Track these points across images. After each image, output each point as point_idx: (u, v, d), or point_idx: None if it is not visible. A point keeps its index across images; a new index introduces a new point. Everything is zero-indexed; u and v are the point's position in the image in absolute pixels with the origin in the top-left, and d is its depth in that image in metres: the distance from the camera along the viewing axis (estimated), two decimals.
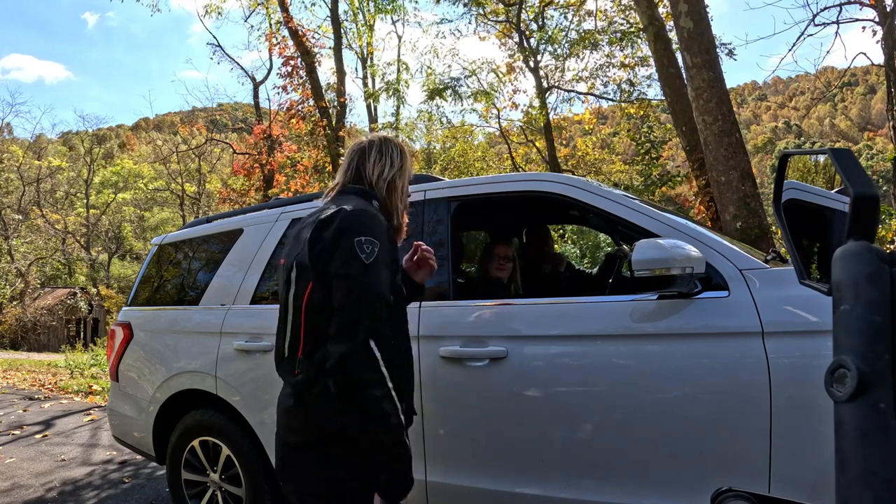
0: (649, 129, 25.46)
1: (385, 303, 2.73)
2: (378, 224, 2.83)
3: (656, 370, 3.51)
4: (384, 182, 3.13)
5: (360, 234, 2.73)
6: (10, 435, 10.44)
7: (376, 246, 2.73)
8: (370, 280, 2.69)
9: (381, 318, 2.68)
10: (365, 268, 2.67)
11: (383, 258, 2.76)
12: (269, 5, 28.18)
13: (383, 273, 2.75)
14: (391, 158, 3.17)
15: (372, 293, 2.68)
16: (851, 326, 1.26)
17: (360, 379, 2.58)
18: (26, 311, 52.68)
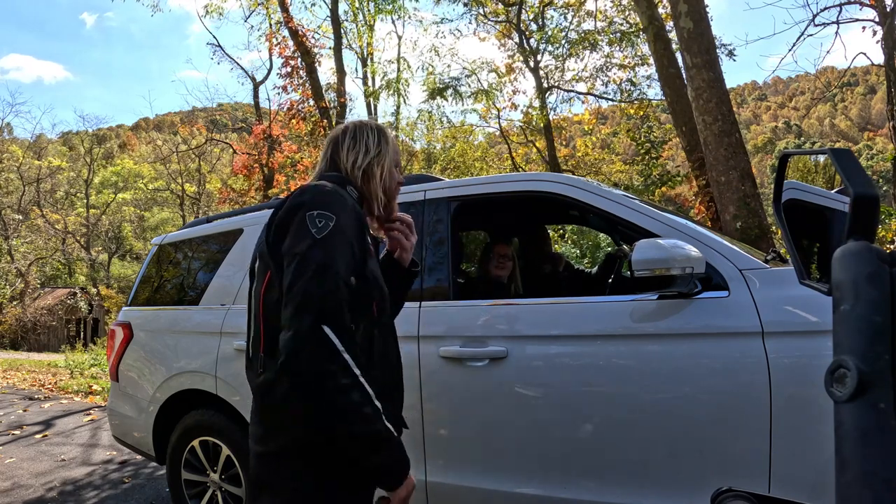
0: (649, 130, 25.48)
1: (342, 284, 2.32)
2: (338, 200, 2.50)
3: (656, 370, 3.51)
4: (359, 170, 2.84)
5: (314, 209, 2.43)
6: (11, 435, 10.44)
7: (331, 220, 2.40)
8: (321, 256, 2.32)
9: (335, 299, 2.28)
10: (315, 242, 2.34)
11: (341, 237, 2.40)
12: (269, 5, 28.20)
13: (340, 250, 2.37)
14: (366, 144, 2.90)
15: (322, 270, 2.30)
16: (851, 326, 1.26)
17: (317, 370, 2.21)
18: (26, 311, 52.69)
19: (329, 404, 2.24)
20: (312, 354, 2.21)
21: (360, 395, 2.26)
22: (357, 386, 2.26)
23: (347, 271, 2.38)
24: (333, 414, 2.25)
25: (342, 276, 2.34)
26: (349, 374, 2.24)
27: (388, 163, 2.91)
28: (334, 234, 2.39)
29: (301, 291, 2.27)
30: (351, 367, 2.25)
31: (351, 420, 2.25)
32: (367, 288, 2.54)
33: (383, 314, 2.72)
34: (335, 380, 2.21)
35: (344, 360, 2.24)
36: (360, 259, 2.49)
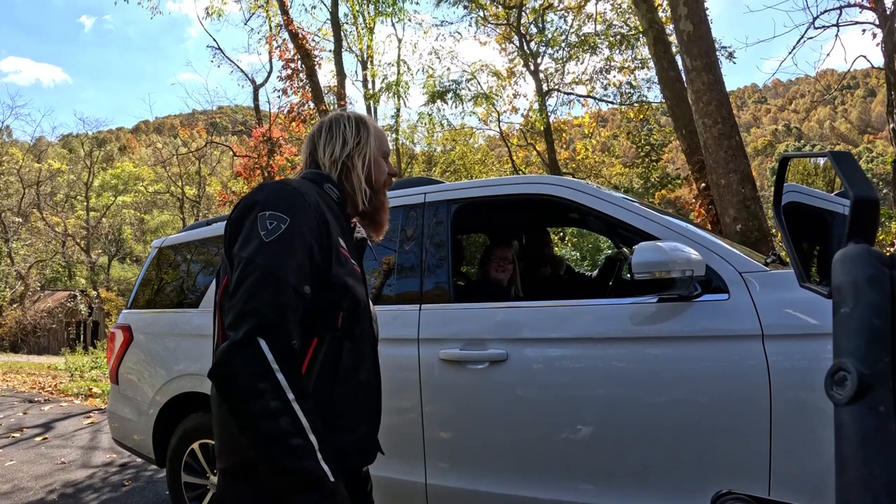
0: (649, 132, 25.53)
1: (289, 293, 2.11)
2: (296, 200, 2.28)
3: (656, 373, 3.51)
4: (337, 164, 2.64)
5: (265, 210, 2.22)
6: (10, 437, 10.44)
7: (283, 222, 2.18)
8: (267, 261, 2.11)
9: (277, 311, 2.06)
10: (262, 246, 2.13)
11: (295, 239, 2.18)
12: (269, 8, 28.19)
13: (290, 255, 2.16)
14: (343, 136, 2.69)
15: (266, 277, 2.09)
16: (851, 329, 1.26)
17: (245, 387, 1.97)
18: (26, 313, 52.69)
19: (253, 425, 1.98)
20: (241, 369, 1.99)
21: (291, 422, 1.98)
22: (287, 412, 1.99)
23: (299, 279, 2.15)
24: (258, 437, 1.98)
25: (290, 285, 2.12)
26: (280, 396, 1.99)
27: (370, 153, 2.70)
28: (285, 238, 2.17)
29: (241, 299, 2.07)
30: (283, 388, 1.99)
31: (275, 450, 1.97)
32: (330, 297, 2.31)
33: (355, 325, 2.43)
34: (262, 400, 1.96)
35: (276, 379, 1.99)
36: (321, 264, 2.27)
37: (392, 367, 4.23)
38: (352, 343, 2.40)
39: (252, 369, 1.97)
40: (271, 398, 1.96)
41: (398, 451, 4.19)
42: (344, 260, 2.39)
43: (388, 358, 4.27)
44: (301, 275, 2.16)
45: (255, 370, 1.97)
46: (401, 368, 4.21)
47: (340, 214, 2.56)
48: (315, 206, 2.32)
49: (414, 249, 4.49)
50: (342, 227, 2.51)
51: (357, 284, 2.45)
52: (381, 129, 2.84)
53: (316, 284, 2.23)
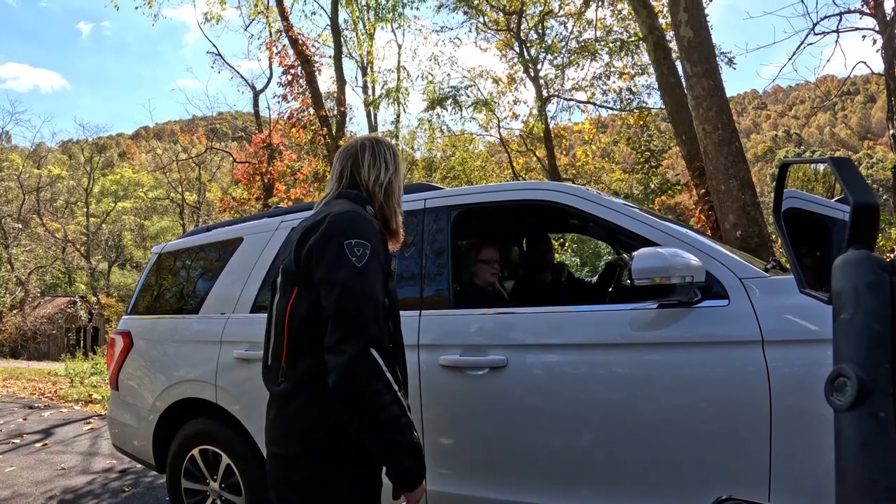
0: (649, 139, 25.52)
1: (381, 309, 2.59)
2: (369, 227, 2.69)
3: (656, 379, 3.51)
4: (381, 186, 3.00)
5: (350, 238, 2.59)
6: (10, 443, 10.44)
7: (368, 248, 2.59)
8: (364, 285, 2.54)
9: (378, 324, 2.55)
10: (357, 272, 2.53)
11: (376, 262, 2.62)
12: (269, 14, 28.20)
13: (377, 277, 2.61)
14: (385, 161, 3.04)
15: (367, 298, 2.54)
16: (851, 335, 1.26)
17: (369, 389, 2.47)
18: (26, 319, 52.69)
19: (374, 416, 2.48)
20: (363, 375, 2.46)
21: (399, 408, 2.54)
22: (397, 401, 2.54)
23: (383, 295, 2.63)
24: (377, 425, 2.50)
25: (381, 302, 2.59)
26: (391, 390, 2.52)
27: (401, 179, 3.09)
28: (371, 262, 2.58)
29: (348, 319, 2.50)
30: (392, 384, 2.52)
31: (393, 430, 2.52)
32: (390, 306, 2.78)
33: (397, 327, 2.95)
34: (381, 397, 2.48)
35: (387, 378, 2.51)
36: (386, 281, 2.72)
37: None
38: (394, 343, 2.86)
39: (371, 375, 2.48)
40: (386, 393, 2.50)
41: None
42: (393, 274, 2.86)
43: None
44: (383, 292, 2.64)
45: (373, 375, 2.49)
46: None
47: None
48: (379, 229, 2.76)
49: (414, 255, 4.50)
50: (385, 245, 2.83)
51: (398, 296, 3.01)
52: None
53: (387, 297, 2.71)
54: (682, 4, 10.10)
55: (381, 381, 2.50)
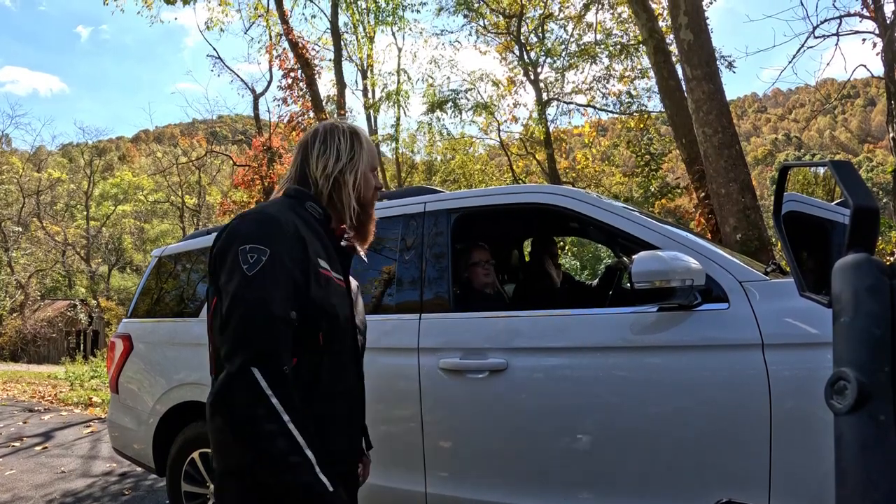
0: (649, 142, 25.51)
1: (277, 323, 2.22)
2: (275, 229, 2.35)
3: (656, 382, 3.52)
4: (329, 178, 2.64)
5: (246, 242, 2.29)
6: (10, 447, 10.44)
7: (264, 254, 2.26)
8: (253, 295, 2.22)
9: (267, 341, 2.20)
10: (247, 281, 2.22)
11: (277, 269, 2.27)
12: (269, 18, 28.21)
13: (274, 286, 2.25)
14: (337, 150, 2.67)
15: (256, 310, 2.21)
16: (851, 338, 1.26)
17: (244, 414, 2.12)
18: (26, 322, 52.65)
19: (250, 446, 2.14)
20: (238, 397, 2.13)
21: (287, 442, 2.13)
22: (284, 433, 2.13)
23: (285, 307, 2.26)
24: (255, 457, 2.16)
25: (277, 315, 2.23)
26: (275, 419, 2.13)
27: (362, 168, 2.71)
28: (267, 270, 2.26)
29: (232, 332, 2.19)
30: (279, 412, 2.13)
31: (276, 469, 2.14)
32: (309, 319, 2.38)
33: (334, 343, 2.51)
34: (260, 426, 2.11)
35: (270, 404, 2.13)
36: (302, 289, 2.36)
37: (392, 376, 4.25)
38: (331, 358, 2.50)
39: (248, 397, 2.12)
40: (267, 422, 2.11)
41: (398, 461, 4.20)
42: (324, 281, 2.46)
43: (389, 367, 4.29)
44: (285, 303, 2.26)
45: (251, 398, 2.11)
46: (401, 378, 4.22)
47: (323, 231, 2.60)
48: (293, 231, 2.39)
49: (414, 259, 4.49)
50: (324, 244, 2.56)
51: (339, 302, 2.54)
52: (372, 141, 2.83)
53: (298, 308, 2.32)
54: (683, 8, 10.11)
55: (260, 407, 2.12)
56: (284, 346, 2.24)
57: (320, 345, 2.44)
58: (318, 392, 2.43)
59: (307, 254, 2.39)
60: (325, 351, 2.46)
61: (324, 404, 2.45)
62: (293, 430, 2.15)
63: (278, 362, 2.19)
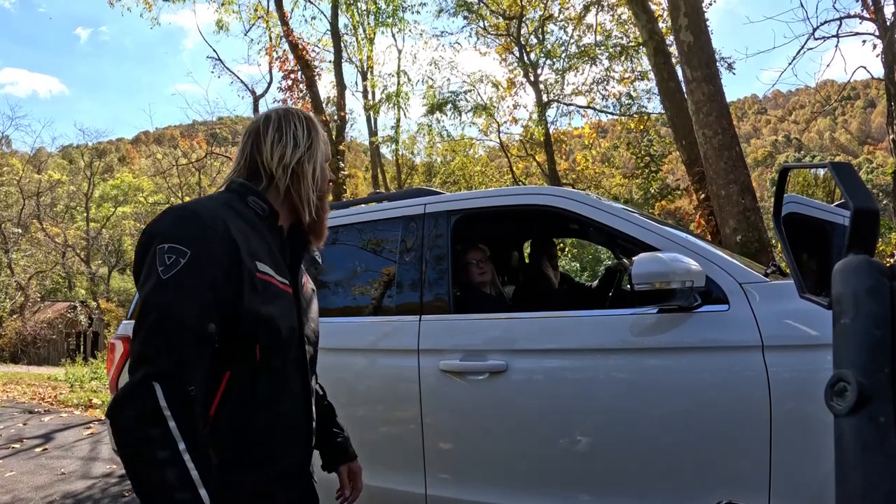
0: (649, 143, 25.51)
1: (187, 336, 1.95)
2: (197, 229, 2.06)
3: (656, 384, 3.52)
4: (286, 168, 2.35)
5: (166, 241, 2.02)
6: (10, 448, 10.43)
7: (184, 256, 1.99)
8: (164, 302, 1.95)
9: (174, 354, 1.92)
10: (161, 285, 1.96)
11: (195, 274, 2.00)
12: (269, 19, 28.17)
13: (190, 294, 1.98)
14: (294, 137, 2.40)
15: (165, 319, 1.94)
16: (851, 340, 1.26)
17: (136, 435, 1.85)
18: (26, 324, 52.63)
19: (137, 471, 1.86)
20: (133, 414, 1.86)
21: (178, 475, 1.83)
22: (176, 463, 1.83)
23: (201, 319, 1.98)
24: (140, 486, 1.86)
25: (189, 327, 1.95)
26: (170, 445, 1.84)
27: (320, 158, 2.47)
28: (184, 274, 1.98)
29: (140, 341, 1.94)
30: (174, 438, 1.84)
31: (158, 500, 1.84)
32: (243, 330, 2.11)
33: (274, 356, 2.22)
34: (151, 450, 1.82)
35: (167, 427, 1.85)
36: (230, 297, 2.07)
37: (392, 377, 4.25)
38: (270, 374, 2.20)
39: (143, 415, 1.85)
40: (160, 447, 1.82)
41: (398, 462, 4.21)
42: (263, 287, 2.18)
43: (389, 369, 4.30)
44: (203, 314, 1.99)
45: (146, 416, 1.85)
46: (401, 379, 4.22)
47: (268, 229, 2.33)
48: (222, 231, 2.09)
49: (414, 260, 4.49)
50: (268, 244, 2.29)
51: (282, 311, 2.25)
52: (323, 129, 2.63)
53: (226, 319, 2.05)
54: (683, 9, 10.12)
55: (157, 428, 1.84)
56: (196, 363, 1.97)
57: (257, 359, 2.15)
58: (255, 409, 2.16)
59: (238, 257, 2.10)
60: (265, 365, 2.18)
61: (262, 421, 2.19)
62: (188, 461, 1.85)
63: (183, 381, 1.91)
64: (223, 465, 2.04)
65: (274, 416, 2.23)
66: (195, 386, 1.93)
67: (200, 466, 1.86)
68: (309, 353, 2.49)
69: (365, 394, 4.42)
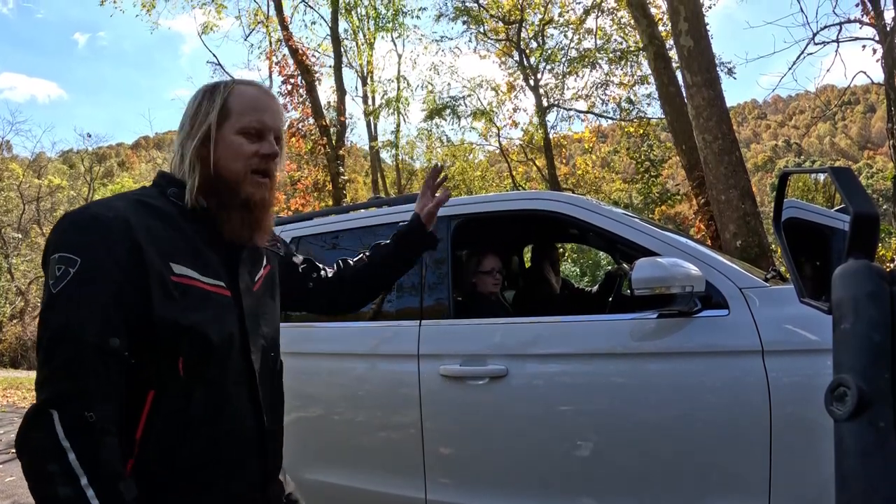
0: (649, 148, 25.53)
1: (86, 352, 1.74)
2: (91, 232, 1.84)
3: (656, 389, 3.52)
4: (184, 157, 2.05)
5: (57, 251, 1.81)
6: (10, 453, 10.41)
7: (73, 265, 1.78)
8: (56, 318, 1.76)
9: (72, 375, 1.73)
10: (51, 300, 1.77)
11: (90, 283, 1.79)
12: (269, 24, 28.19)
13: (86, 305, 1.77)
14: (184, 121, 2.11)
15: (57, 339, 1.75)
16: (851, 345, 1.26)
17: (36, 469, 1.69)
18: (26, 329, 52.56)
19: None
20: (31, 446, 1.72)
21: None
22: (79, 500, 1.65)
23: (101, 332, 1.77)
24: None
25: (86, 343, 1.74)
26: (70, 481, 1.66)
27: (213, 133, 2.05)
28: (74, 285, 1.77)
29: (38, 363, 1.81)
30: (76, 474, 1.66)
31: None
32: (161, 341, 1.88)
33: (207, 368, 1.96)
34: (52, 488, 1.66)
35: (66, 461, 1.66)
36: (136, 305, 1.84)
37: (392, 382, 4.25)
38: (207, 388, 1.95)
39: (43, 449, 1.68)
40: (61, 483, 1.65)
41: (398, 467, 4.20)
42: (181, 291, 1.92)
43: (389, 374, 4.30)
44: (104, 326, 1.78)
45: (46, 450, 1.68)
46: (401, 384, 4.22)
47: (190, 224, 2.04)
48: (121, 231, 1.85)
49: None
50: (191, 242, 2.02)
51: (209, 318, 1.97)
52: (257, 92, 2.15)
53: (138, 330, 1.84)
54: (683, 14, 10.14)
55: (55, 463, 1.66)
56: (99, 383, 1.75)
57: (182, 373, 1.90)
58: (189, 428, 1.92)
59: (140, 258, 1.85)
60: (196, 380, 1.93)
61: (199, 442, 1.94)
62: (91, 497, 1.66)
63: (81, 405, 1.71)
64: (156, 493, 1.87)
65: (212, 438, 1.97)
66: (100, 409, 1.73)
67: (107, 499, 1.68)
68: (257, 364, 2.12)
69: (365, 398, 4.41)
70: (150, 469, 1.86)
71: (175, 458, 1.89)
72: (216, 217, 2.06)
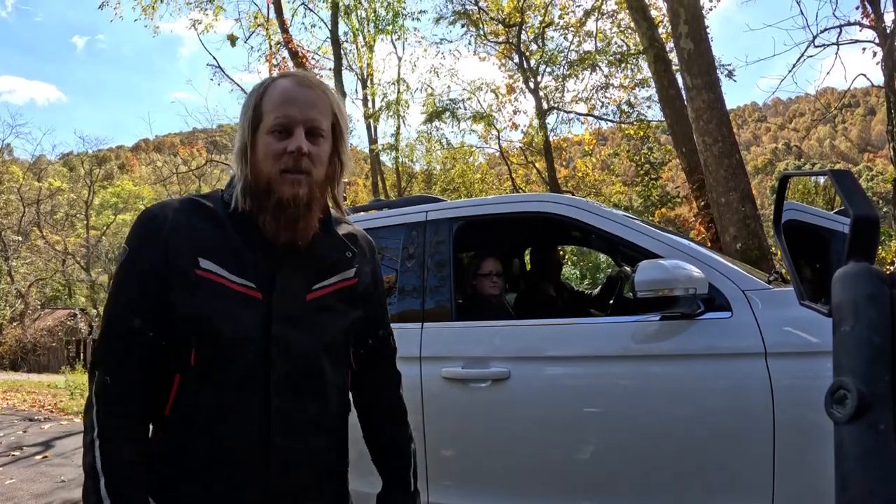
0: (649, 151, 25.52)
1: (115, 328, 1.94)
2: (142, 226, 2.00)
3: (659, 391, 3.52)
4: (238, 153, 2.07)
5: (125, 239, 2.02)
6: (10, 456, 10.42)
7: (123, 253, 1.98)
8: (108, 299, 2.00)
9: (104, 345, 1.94)
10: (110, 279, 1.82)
11: (128, 268, 1.97)
12: (269, 27, 28.16)
13: (123, 288, 1.98)
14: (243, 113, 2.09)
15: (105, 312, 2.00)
16: (851, 347, 1.27)
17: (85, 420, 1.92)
18: (26, 332, 52.55)
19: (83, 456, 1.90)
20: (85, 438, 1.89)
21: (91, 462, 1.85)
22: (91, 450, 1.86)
23: (126, 311, 1.93)
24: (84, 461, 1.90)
25: (116, 320, 1.93)
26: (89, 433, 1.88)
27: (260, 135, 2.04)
28: (120, 271, 1.99)
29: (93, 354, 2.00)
30: (93, 427, 1.87)
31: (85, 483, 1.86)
32: (178, 332, 1.95)
33: (214, 369, 1.95)
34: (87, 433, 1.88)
35: (91, 416, 1.89)
36: (161, 295, 1.93)
37: None
38: (215, 390, 1.95)
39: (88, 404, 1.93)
40: (88, 433, 1.88)
41: None
42: (203, 285, 1.95)
43: None
44: (128, 308, 1.93)
45: (86, 404, 1.94)
46: (403, 387, 4.22)
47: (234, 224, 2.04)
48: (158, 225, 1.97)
49: (415, 268, 4.49)
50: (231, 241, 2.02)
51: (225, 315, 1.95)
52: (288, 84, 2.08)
53: (161, 316, 1.93)
54: (683, 16, 10.13)
55: (87, 415, 1.90)
56: (121, 357, 1.92)
57: (192, 366, 1.94)
58: (197, 427, 1.96)
59: (170, 251, 1.94)
60: (205, 379, 1.96)
61: (203, 443, 1.96)
62: (97, 450, 1.84)
63: (104, 372, 1.91)
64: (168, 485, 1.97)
65: (215, 440, 1.95)
66: (116, 375, 1.91)
67: (108, 456, 1.85)
68: (281, 372, 2.01)
69: None
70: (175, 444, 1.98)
71: (183, 452, 1.96)
72: (256, 219, 2.03)
